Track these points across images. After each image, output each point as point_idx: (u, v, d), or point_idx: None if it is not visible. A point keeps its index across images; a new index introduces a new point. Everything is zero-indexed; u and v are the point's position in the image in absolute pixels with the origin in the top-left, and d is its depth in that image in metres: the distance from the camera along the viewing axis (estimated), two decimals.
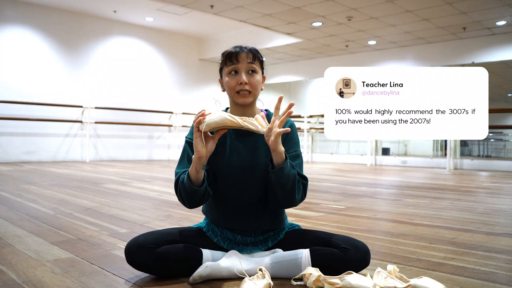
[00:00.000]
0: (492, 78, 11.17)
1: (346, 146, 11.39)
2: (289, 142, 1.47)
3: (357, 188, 4.26)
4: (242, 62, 1.42)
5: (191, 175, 1.33)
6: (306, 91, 12.42)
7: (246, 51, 1.43)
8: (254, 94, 1.44)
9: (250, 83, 1.42)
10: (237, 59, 1.42)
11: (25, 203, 2.96)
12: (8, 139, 7.79)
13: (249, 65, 1.42)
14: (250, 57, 1.42)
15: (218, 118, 1.28)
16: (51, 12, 8.33)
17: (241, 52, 1.42)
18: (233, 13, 7.46)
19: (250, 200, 1.46)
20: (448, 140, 7.62)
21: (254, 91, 1.43)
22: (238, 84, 1.42)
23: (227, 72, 1.44)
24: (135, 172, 6.02)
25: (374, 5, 6.85)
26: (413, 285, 1.25)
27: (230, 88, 1.43)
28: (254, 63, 1.43)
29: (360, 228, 2.27)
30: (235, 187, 1.45)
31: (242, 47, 1.45)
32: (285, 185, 1.33)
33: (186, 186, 1.34)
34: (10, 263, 1.54)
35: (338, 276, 1.26)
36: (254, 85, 1.43)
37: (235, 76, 1.43)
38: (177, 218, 2.50)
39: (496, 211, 2.91)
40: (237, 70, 1.42)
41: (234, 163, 1.44)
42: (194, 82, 10.84)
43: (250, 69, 1.43)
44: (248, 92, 1.42)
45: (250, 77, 1.43)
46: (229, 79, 1.43)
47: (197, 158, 1.29)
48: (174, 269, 1.37)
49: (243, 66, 1.42)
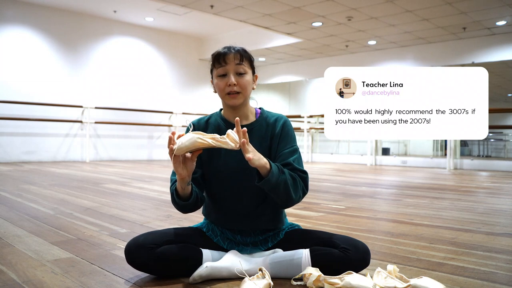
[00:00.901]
0: (492, 78, 11.17)
1: (346, 146, 11.39)
2: (285, 138, 1.47)
3: (357, 188, 4.26)
4: (230, 64, 1.41)
5: (178, 191, 1.35)
6: (306, 91, 12.42)
7: (234, 52, 1.42)
8: (244, 95, 1.44)
9: (239, 84, 1.42)
10: (225, 60, 1.41)
11: (25, 203, 2.95)
12: (8, 139, 7.79)
13: (237, 67, 1.42)
14: (238, 58, 1.42)
15: (188, 142, 1.26)
16: (51, 12, 8.33)
17: (229, 53, 1.42)
18: (233, 13, 7.46)
19: (248, 201, 1.46)
20: (448, 140, 7.62)
21: (244, 91, 1.43)
22: (227, 85, 1.42)
23: (216, 74, 1.44)
24: (135, 172, 6.02)
25: (374, 5, 6.85)
26: (413, 285, 1.25)
27: (220, 90, 1.44)
28: (243, 64, 1.43)
29: (360, 228, 2.27)
30: (232, 189, 1.45)
31: (230, 47, 1.44)
32: (277, 192, 1.33)
33: (176, 199, 1.38)
34: (10, 263, 1.54)
35: (338, 276, 1.26)
36: (244, 86, 1.43)
37: (224, 78, 1.43)
38: (177, 218, 2.50)
39: (496, 211, 2.91)
40: (225, 71, 1.42)
41: (230, 164, 1.44)
42: (194, 82, 10.84)
43: (239, 71, 1.42)
44: (237, 93, 1.42)
45: (239, 78, 1.42)
46: (218, 81, 1.43)
47: (180, 179, 1.31)
48: (174, 269, 1.37)
49: (231, 67, 1.41)
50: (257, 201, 1.46)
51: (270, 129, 1.48)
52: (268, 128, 1.48)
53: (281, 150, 1.45)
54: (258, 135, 1.47)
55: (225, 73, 1.42)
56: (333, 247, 1.38)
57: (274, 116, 1.51)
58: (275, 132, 1.47)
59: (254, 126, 1.48)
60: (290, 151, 1.44)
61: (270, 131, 1.48)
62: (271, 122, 1.49)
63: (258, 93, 8.65)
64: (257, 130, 1.48)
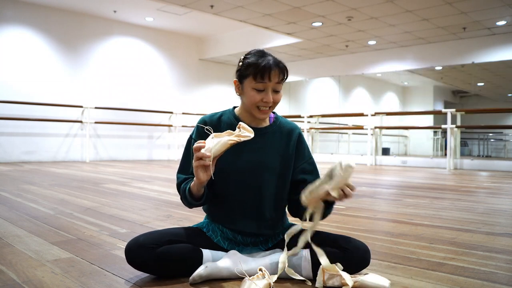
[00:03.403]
0: (492, 78, 11.19)
1: (346, 146, 11.39)
2: (303, 150, 1.51)
3: (357, 188, 4.26)
4: (272, 81, 1.38)
5: (193, 190, 1.36)
6: (306, 91, 12.42)
7: (279, 69, 1.38)
8: (273, 109, 1.45)
9: (274, 101, 1.41)
10: (269, 78, 1.37)
11: (25, 203, 2.95)
12: (8, 139, 7.79)
13: (277, 85, 1.39)
14: (280, 77, 1.39)
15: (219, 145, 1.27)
16: (51, 12, 8.33)
17: (274, 69, 1.37)
18: (233, 13, 7.46)
19: (254, 203, 1.45)
20: (448, 140, 7.62)
21: (274, 107, 1.43)
22: (263, 101, 1.39)
23: (254, 87, 1.39)
24: (135, 172, 6.02)
25: (374, 5, 6.85)
26: (360, 281, 1.27)
27: (253, 102, 1.40)
28: (282, 82, 1.41)
29: (360, 228, 2.27)
30: (237, 188, 1.45)
31: (275, 61, 1.38)
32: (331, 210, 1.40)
33: (187, 197, 1.39)
34: (10, 263, 1.54)
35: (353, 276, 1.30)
36: (277, 103, 1.42)
37: (261, 92, 1.39)
38: (177, 218, 2.50)
39: (496, 211, 2.91)
40: (265, 87, 1.38)
41: (239, 164, 1.44)
42: (194, 82, 10.84)
43: (277, 89, 1.40)
44: (269, 108, 1.42)
45: (275, 95, 1.41)
46: (254, 93, 1.39)
47: (199, 183, 1.31)
48: (174, 269, 1.37)
49: (272, 84, 1.39)
50: (261, 202, 1.45)
51: (285, 137, 1.50)
52: (282, 136, 1.50)
53: (301, 163, 1.50)
54: (272, 139, 1.48)
55: (264, 89, 1.39)
56: (333, 247, 1.38)
57: (288, 124, 1.53)
58: (290, 142, 1.49)
59: (268, 130, 1.49)
60: (309, 162, 1.50)
61: (284, 139, 1.49)
62: (285, 130, 1.50)
63: None
64: (271, 135, 1.49)
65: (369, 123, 8.80)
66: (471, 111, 8.34)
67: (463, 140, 12.29)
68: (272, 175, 1.44)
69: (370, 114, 8.79)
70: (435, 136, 12.68)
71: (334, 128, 11.46)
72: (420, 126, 11.85)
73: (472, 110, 8.40)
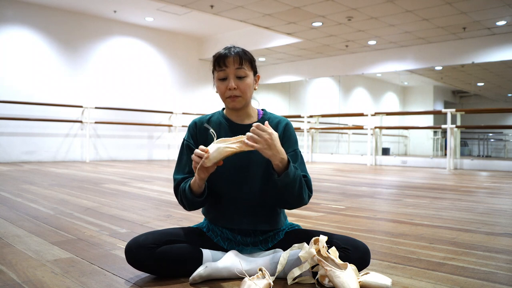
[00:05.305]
0: (492, 78, 11.19)
1: (346, 146, 11.39)
2: (288, 142, 1.47)
3: (357, 188, 4.26)
4: (230, 67, 1.40)
5: (194, 187, 1.36)
6: (306, 91, 12.42)
7: (234, 54, 1.40)
8: (244, 98, 1.44)
9: (239, 88, 1.41)
10: (225, 63, 1.40)
11: (25, 203, 2.96)
12: (8, 139, 7.79)
13: (237, 70, 1.41)
14: (237, 62, 1.40)
15: (216, 153, 1.27)
16: (51, 12, 8.33)
17: (229, 56, 1.40)
18: (233, 13, 7.46)
19: (246, 199, 1.45)
20: (448, 140, 7.62)
21: (244, 95, 1.43)
22: (228, 89, 1.41)
23: (217, 77, 1.44)
24: (135, 172, 6.02)
25: (374, 5, 6.85)
26: (363, 281, 1.27)
27: (221, 93, 1.44)
28: (243, 67, 1.41)
29: (360, 228, 2.27)
30: (230, 186, 1.45)
31: (230, 49, 1.42)
32: (293, 187, 1.33)
33: (188, 196, 1.38)
34: (10, 263, 1.54)
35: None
36: (244, 90, 1.42)
37: (224, 81, 1.42)
38: (177, 218, 2.50)
39: (496, 211, 2.91)
40: (226, 75, 1.41)
41: (229, 161, 1.44)
42: (194, 82, 10.84)
43: (239, 74, 1.41)
44: (237, 97, 1.42)
45: (239, 81, 1.41)
46: (219, 84, 1.43)
47: (200, 179, 1.32)
48: (174, 269, 1.37)
49: (231, 71, 1.41)
50: (255, 199, 1.45)
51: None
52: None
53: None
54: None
55: (225, 77, 1.42)
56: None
57: (276, 118, 1.52)
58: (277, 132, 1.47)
59: None
60: (292, 155, 1.44)
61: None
62: (273, 123, 1.49)
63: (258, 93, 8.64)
64: None
65: (369, 123, 8.80)
66: (471, 111, 8.33)
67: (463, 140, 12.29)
68: (259, 169, 1.44)
69: (370, 114, 8.79)
70: (435, 136, 12.68)
71: (334, 128, 11.46)
72: (420, 126, 11.85)
73: (472, 110, 8.39)
